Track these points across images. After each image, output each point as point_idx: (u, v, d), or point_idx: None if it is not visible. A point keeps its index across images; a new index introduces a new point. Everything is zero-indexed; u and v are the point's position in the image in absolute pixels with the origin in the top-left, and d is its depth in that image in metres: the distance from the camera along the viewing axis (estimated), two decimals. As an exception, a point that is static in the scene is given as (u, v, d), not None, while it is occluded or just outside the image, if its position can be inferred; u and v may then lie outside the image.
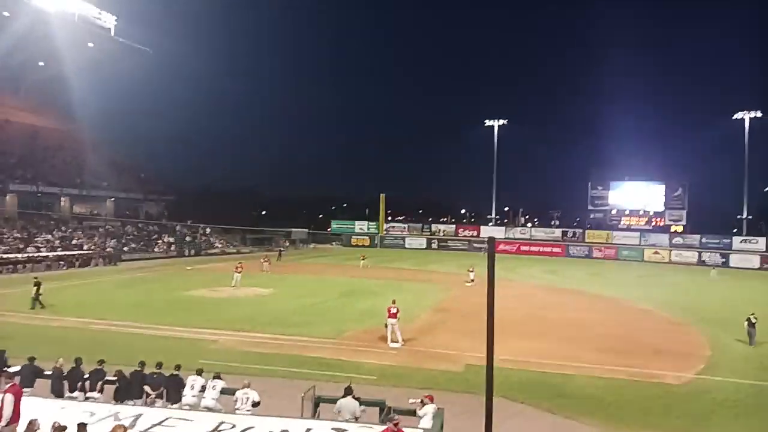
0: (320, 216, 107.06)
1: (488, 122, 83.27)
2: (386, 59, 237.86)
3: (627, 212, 77.71)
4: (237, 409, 11.17)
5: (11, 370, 11.72)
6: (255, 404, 11.30)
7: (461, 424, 11.79)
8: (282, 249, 63.75)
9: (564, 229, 78.64)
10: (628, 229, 75.62)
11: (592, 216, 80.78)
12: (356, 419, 10.38)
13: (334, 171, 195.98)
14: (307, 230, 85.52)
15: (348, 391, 10.77)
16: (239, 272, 34.35)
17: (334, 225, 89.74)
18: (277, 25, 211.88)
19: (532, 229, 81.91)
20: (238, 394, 11.42)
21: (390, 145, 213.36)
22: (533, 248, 74.91)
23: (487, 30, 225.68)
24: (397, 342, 19.75)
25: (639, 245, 71.31)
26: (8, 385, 9.80)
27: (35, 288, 25.83)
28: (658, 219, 75.68)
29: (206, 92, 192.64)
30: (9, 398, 9.47)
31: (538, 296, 34.40)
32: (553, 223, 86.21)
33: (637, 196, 77.56)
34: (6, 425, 9.06)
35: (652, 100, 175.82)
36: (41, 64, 62.83)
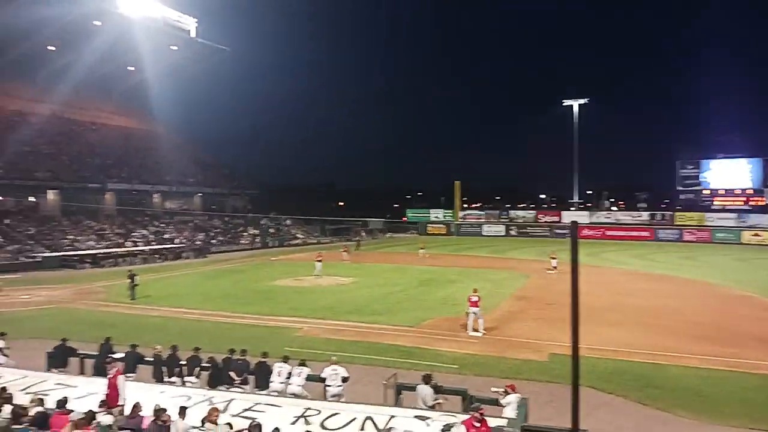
0: (395, 206, 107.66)
1: (567, 102, 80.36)
2: (458, 42, 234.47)
3: (721, 192, 72.82)
4: (328, 385, 11.61)
5: (116, 356, 12.64)
6: (344, 379, 11.74)
7: (546, 414, 11.55)
8: (360, 239, 64.64)
9: (652, 212, 74.83)
10: (723, 209, 70.83)
11: (682, 197, 76.35)
12: (430, 407, 10.37)
13: (409, 160, 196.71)
14: (383, 220, 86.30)
15: (426, 379, 10.79)
16: (320, 261, 35.29)
17: (410, 214, 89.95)
18: (350, 19, 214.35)
19: (618, 212, 78.40)
20: (327, 371, 11.84)
21: (464, 131, 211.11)
22: (619, 232, 71.77)
23: (562, 4, 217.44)
24: (477, 331, 19.59)
25: (736, 227, 66.60)
26: (114, 370, 10.59)
27: (129, 280, 27.63)
28: (758, 198, 70.37)
29: (284, 89, 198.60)
30: (122, 380, 10.31)
31: (626, 282, 32.97)
32: (639, 205, 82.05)
33: (732, 174, 72.49)
34: (115, 406, 9.78)
35: (746, 68, 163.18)
36: (130, 69, 66.81)
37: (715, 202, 72.75)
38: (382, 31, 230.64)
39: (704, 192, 74.11)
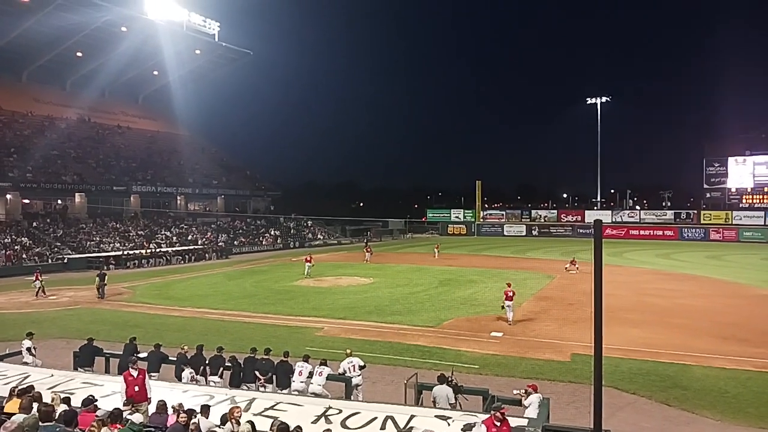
0: (416, 206, 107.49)
1: (590, 100, 79.72)
2: (477, 40, 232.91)
3: (749, 190, 71.32)
4: (350, 377, 12.20)
5: (140, 355, 12.84)
6: (361, 368, 12.50)
7: (568, 415, 11.46)
8: (371, 241, 62.92)
9: (676, 211, 73.69)
10: (751, 208, 69.42)
11: (708, 195, 74.96)
12: (452, 406, 10.37)
13: (430, 160, 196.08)
14: (403, 220, 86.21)
15: (441, 379, 10.79)
16: (309, 262, 36.63)
17: (430, 214, 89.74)
18: (367, 19, 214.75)
19: (642, 211, 77.35)
20: (344, 364, 12.43)
21: (485, 131, 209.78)
22: (643, 232, 71.11)
23: (588, 3, 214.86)
24: (508, 322, 20.63)
25: (765, 225, 65.27)
26: (138, 370, 10.76)
27: (98, 279, 28.23)
28: (787, 196, 68.75)
29: (304, 90, 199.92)
30: (148, 379, 10.53)
31: (649, 282, 32.48)
32: (664, 204, 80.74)
33: (761, 172, 70.90)
34: (140, 404, 9.94)
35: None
36: (155, 73, 67.84)
37: (742, 201, 71.33)
38: (401, 30, 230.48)
39: (731, 190, 72.68)
